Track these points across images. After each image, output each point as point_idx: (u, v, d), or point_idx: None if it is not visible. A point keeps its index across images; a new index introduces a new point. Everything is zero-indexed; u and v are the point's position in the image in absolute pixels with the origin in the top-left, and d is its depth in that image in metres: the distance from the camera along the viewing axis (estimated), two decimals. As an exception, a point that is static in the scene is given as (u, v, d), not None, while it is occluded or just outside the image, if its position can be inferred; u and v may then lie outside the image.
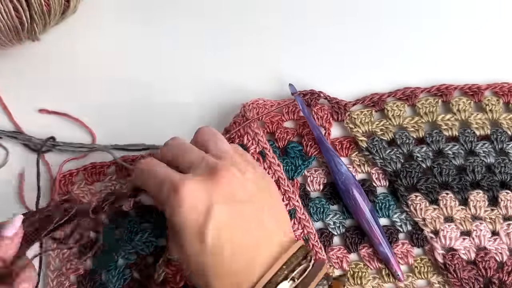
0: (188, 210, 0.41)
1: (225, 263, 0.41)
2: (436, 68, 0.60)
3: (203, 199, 0.42)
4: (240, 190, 0.43)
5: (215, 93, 0.59)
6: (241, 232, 0.42)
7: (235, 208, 0.43)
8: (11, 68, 0.60)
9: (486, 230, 0.54)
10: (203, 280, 0.42)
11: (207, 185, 0.42)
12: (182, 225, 0.41)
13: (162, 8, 0.63)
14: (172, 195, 0.42)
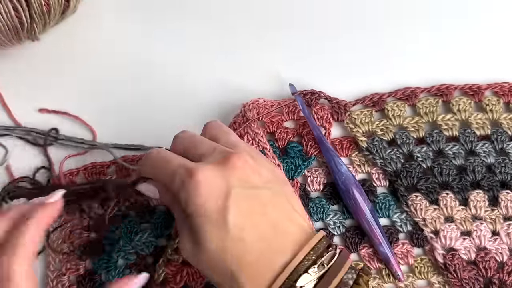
0: (206, 195, 0.41)
1: (247, 249, 0.40)
2: (436, 68, 0.60)
3: (220, 184, 0.41)
4: (254, 176, 0.43)
5: (215, 93, 0.59)
6: (260, 216, 0.41)
7: (252, 192, 0.42)
8: (11, 68, 0.60)
9: (486, 230, 0.54)
10: (224, 272, 0.41)
11: (223, 170, 0.42)
12: (200, 211, 0.41)
13: (162, 8, 0.63)
14: (187, 181, 0.41)
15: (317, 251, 0.41)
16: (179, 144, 0.47)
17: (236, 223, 0.40)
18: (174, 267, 0.51)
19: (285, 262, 0.40)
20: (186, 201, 0.41)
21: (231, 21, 0.62)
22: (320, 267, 0.40)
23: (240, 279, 0.40)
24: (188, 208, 0.41)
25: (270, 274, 0.39)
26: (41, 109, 0.59)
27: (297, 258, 0.40)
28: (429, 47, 0.61)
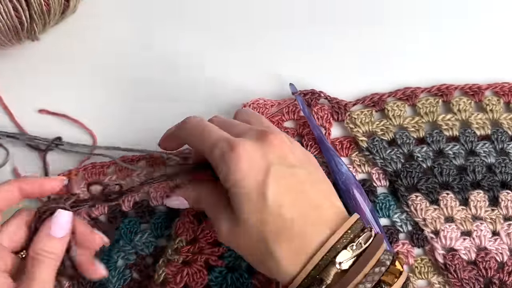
0: (247, 168, 0.41)
1: (286, 225, 0.41)
2: (437, 68, 0.60)
3: (260, 160, 0.42)
4: (290, 155, 0.44)
5: (216, 93, 0.59)
6: (298, 194, 0.42)
7: (290, 170, 0.43)
8: (10, 68, 0.60)
9: (486, 230, 0.54)
10: (261, 247, 0.41)
11: (262, 147, 0.43)
12: (240, 185, 0.41)
13: (162, 8, 0.63)
14: (228, 153, 0.42)
15: (354, 230, 0.41)
16: (215, 122, 0.47)
17: (275, 199, 0.41)
18: (174, 267, 0.51)
19: (322, 239, 0.40)
20: (226, 175, 0.42)
21: (233, 21, 0.62)
22: (358, 246, 0.40)
23: (276, 254, 0.41)
24: (227, 182, 0.42)
25: (307, 250, 0.40)
26: (41, 110, 0.59)
27: (336, 235, 0.40)
28: (429, 47, 0.61)
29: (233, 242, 0.44)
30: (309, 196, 0.43)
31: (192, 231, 0.52)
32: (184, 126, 0.47)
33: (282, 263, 0.41)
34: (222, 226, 0.44)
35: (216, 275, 0.51)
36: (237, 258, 0.52)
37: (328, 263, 0.39)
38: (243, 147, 0.42)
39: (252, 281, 0.51)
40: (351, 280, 0.39)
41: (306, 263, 0.40)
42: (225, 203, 0.44)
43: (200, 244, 0.52)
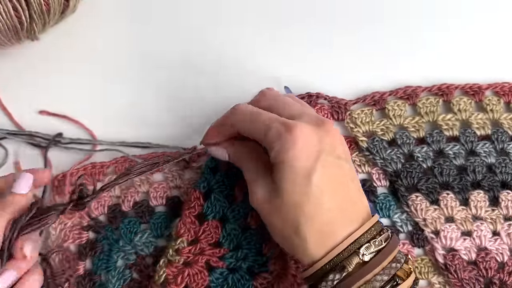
0: (300, 149, 0.43)
1: (323, 209, 0.44)
2: (437, 67, 0.60)
3: (313, 144, 0.44)
4: (340, 147, 0.46)
5: (215, 93, 0.59)
6: (339, 185, 0.45)
7: (336, 161, 0.45)
8: (10, 67, 0.60)
9: (486, 230, 0.54)
10: (293, 224, 0.44)
11: (318, 133, 0.45)
12: (292, 163, 0.43)
13: (162, 8, 0.63)
14: (285, 134, 0.44)
15: (377, 229, 0.45)
16: (265, 100, 0.49)
17: (318, 185, 0.44)
18: (175, 268, 0.51)
19: (349, 232, 0.44)
20: (279, 151, 0.44)
21: (233, 21, 0.62)
22: (379, 242, 0.43)
23: (306, 235, 0.43)
24: (278, 157, 0.44)
25: (335, 238, 0.43)
26: (41, 111, 0.58)
27: (361, 230, 0.44)
28: (430, 46, 0.61)
29: (265, 209, 0.46)
30: (348, 190, 0.46)
31: (193, 232, 0.52)
32: (235, 112, 0.48)
33: (309, 244, 0.43)
34: (258, 191, 0.46)
35: (217, 276, 0.51)
36: (238, 259, 0.52)
37: (351, 253, 0.43)
38: (300, 129, 0.44)
39: (253, 282, 0.51)
40: (371, 270, 0.42)
41: (330, 250, 0.43)
42: (265, 170, 0.47)
43: (201, 245, 0.52)
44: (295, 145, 0.43)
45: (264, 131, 0.45)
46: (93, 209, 0.55)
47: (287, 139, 0.43)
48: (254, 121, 0.46)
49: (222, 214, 0.53)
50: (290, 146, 0.43)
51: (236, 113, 0.48)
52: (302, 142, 0.43)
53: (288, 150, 0.43)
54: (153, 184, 0.56)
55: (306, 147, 0.44)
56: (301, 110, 0.47)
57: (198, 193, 0.53)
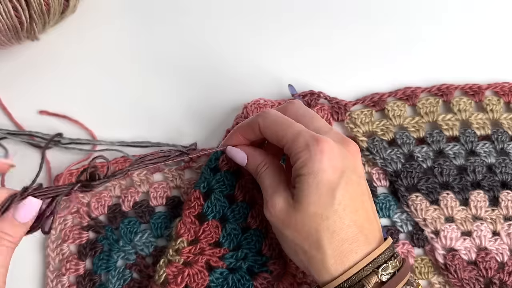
0: (327, 163, 0.44)
1: (343, 227, 0.44)
2: (437, 67, 0.60)
3: (339, 161, 0.45)
4: (360, 166, 0.47)
5: (216, 93, 0.59)
6: (360, 203, 0.45)
7: (358, 180, 0.46)
8: (10, 67, 0.60)
9: (486, 230, 0.54)
10: (312, 238, 0.44)
11: (342, 150, 0.46)
12: (317, 174, 0.44)
13: (162, 8, 0.63)
14: (313, 146, 0.44)
15: (391, 250, 0.45)
16: (292, 109, 0.50)
17: (341, 201, 0.44)
18: (175, 268, 0.51)
19: (368, 251, 0.44)
20: (305, 162, 0.44)
21: (233, 21, 0.62)
22: (395, 263, 0.44)
23: (327, 251, 0.43)
24: (303, 168, 0.44)
25: (354, 256, 0.43)
26: (41, 111, 0.58)
27: (379, 249, 0.44)
28: (430, 47, 0.61)
29: (283, 222, 0.45)
30: (367, 208, 0.46)
31: (193, 232, 0.52)
32: (265, 115, 0.48)
33: (329, 260, 0.43)
34: (278, 203, 0.46)
35: (217, 276, 0.51)
36: (238, 259, 0.52)
37: (370, 272, 0.43)
38: (328, 144, 0.44)
39: (253, 282, 0.51)
40: None
41: (349, 267, 0.43)
42: (286, 182, 0.47)
43: (201, 244, 0.52)
44: (322, 158, 0.44)
45: (292, 139, 0.45)
46: (93, 209, 0.55)
47: (315, 151, 0.44)
48: (284, 127, 0.46)
49: (222, 214, 0.53)
50: (317, 158, 0.44)
51: (266, 116, 0.48)
52: (329, 156, 0.44)
53: (315, 162, 0.44)
54: (153, 184, 0.56)
55: (332, 161, 0.44)
56: (328, 126, 0.48)
57: (198, 193, 0.53)
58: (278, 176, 0.48)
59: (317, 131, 0.46)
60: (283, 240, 0.47)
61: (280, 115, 0.48)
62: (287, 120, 0.47)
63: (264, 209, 0.47)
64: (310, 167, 0.44)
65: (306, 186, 0.44)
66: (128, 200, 0.55)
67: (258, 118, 0.48)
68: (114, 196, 0.56)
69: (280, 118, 0.47)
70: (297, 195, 0.44)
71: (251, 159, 0.50)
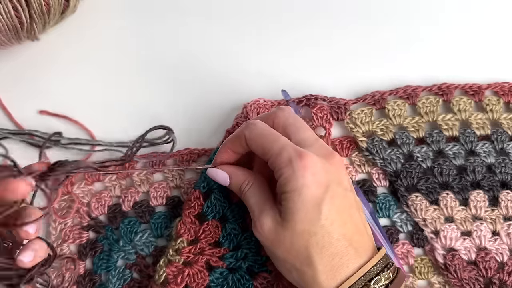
0: (311, 179, 0.43)
1: (332, 241, 0.43)
2: (437, 67, 0.60)
3: (323, 175, 0.44)
4: (345, 179, 0.46)
5: (216, 93, 0.59)
6: (347, 216, 0.45)
7: (344, 193, 0.45)
8: (10, 68, 0.60)
9: (486, 230, 0.54)
10: (302, 255, 0.44)
11: (325, 164, 0.45)
12: (302, 190, 0.43)
13: (162, 8, 0.63)
14: (295, 161, 0.43)
15: (385, 261, 0.45)
16: (281, 118, 0.49)
17: (328, 216, 0.43)
18: (175, 268, 0.51)
19: (360, 264, 0.44)
20: (288, 179, 0.44)
21: (233, 21, 0.62)
22: (388, 275, 0.44)
23: (318, 266, 0.43)
24: (287, 185, 0.44)
25: (345, 270, 0.43)
26: (41, 111, 0.58)
27: (371, 262, 0.44)
28: (430, 46, 0.61)
29: (272, 241, 0.45)
30: (355, 220, 0.45)
31: (193, 232, 0.52)
32: (251, 127, 0.47)
33: (320, 276, 0.43)
34: (266, 222, 0.45)
35: (217, 276, 0.51)
36: (238, 259, 0.52)
37: (362, 285, 0.43)
38: (311, 159, 0.44)
39: (253, 282, 0.51)
40: None
41: (341, 282, 0.43)
42: (272, 201, 0.46)
43: (201, 244, 0.52)
44: (305, 174, 0.43)
45: (276, 154, 0.45)
46: (93, 209, 0.55)
47: (298, 166, 0.43)
48: (269, 141, 0.46)
49: (222, 214, 0.53)
50: (300, 174, 0.43)
51: (252, 128, 0.47)
52: (312, 171, 0.43)
53: (298, 178, 0.43)
54: (153, 184, 0.56)
55: (315, 176, 0.43)
56: (313, 138, 0.47)
57: (198, 193, 0.53)
58: (263, 193, 0.47)
59: (301, 143, 0.46)
60: (274, 259, 0.47)
61: (266, 127, 0.47)
62: (273, 133, 0.46)
63: (253, 229, 0.47)
64: (294, 183, 0.43)
65: (292, 203, 0.43)
66: (128, 200, 0.55)
67: (244, 130, 0.47)
68: (114, 196, 0.56)
69: (266, 131, 0.47)
70: (284, 213, 0.44)
71: (234, 178, 0.49)
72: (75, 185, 0.56)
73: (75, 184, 0.56)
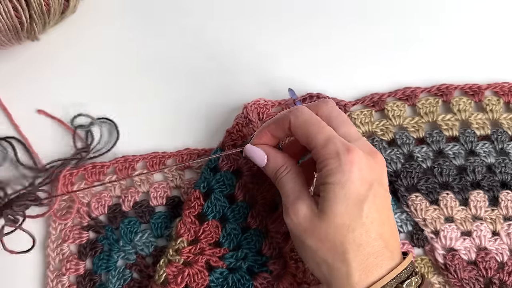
0: (356, 174, 0.43)
1: (369, 240, 0.43)
2: (437, 67, 0.60)
3: (368, 172, 0.44)
4: (386, 179, 0.46)
5: (216, 93, 0.59)
6: (386, 217, 0.45)
7: (384, 193, 0.45)
8: (10, 68, 0.60)
9: (486, 230, 0.54)
10: (337, 250, 0.43)
11: (370, 161, 0.44)
12: (346, 184, 0.42)
13: (162, 8, 0.63)
14: (343, 155, 0.43)
15: (413, 266, 0.45)
16: (325, 110, 0.48)
17: (368, 214, 0.43)
18: (175, 268, 0.51)
19: (392, 266, 0.43)
20: (333, 170, 0.43)
21: (233, 22, 0.62)
22: (418, 279, 0.44)
23: (352, 263, 0.42)
24: (331, 177, 0.43)
25: (379, 271, 0.43)
26: (39, 110, 0.58)
27: (403, 264, 0.44)
28: (429, 47, 0.61)
29: (305, 230, 0.44)
30: (391, 222, 0.46)
31: (193, 232, 0.52)
32: (297, 113, 0.46)
33: (354, 273, 0.42)
34: (302, 209, 0.44)
35: (217, 276, 0.51)
36: (238, 259, 0.52)
37: (395, 287, 0.42)
38: (357, 155, 0.43)
39: (253, 282, 0.51)
40: None
41: (373, 282, 0.42)
42: (308, 191, 0.46)
43: (201, 244, 0.52)
44: (352, 169, 0.43)
45: (322, 144, 0.44)
46: (93, 209, 0.55)
47: (345, 161, 0.43)
48: (315, 129, 0.45)
49: (222, 214, 0.53)
50: (347, 168, 0.43)
51: (298, 115, 0.46)
52: (359, 167, 0.43)
53: (345, 172, 0.42)
54: (153, 184, 0.56)
55: (361, 173, 0.43)
56: (357, 134, 0.47)
57: (198, 193, 0.53)
58: (300, 181, 0.46)
59: (346, 137, 0.45)
60: (304, 250, 0.45)
61: (313, 115, 0.46)
62: (319, 122, 0.45)
63: (285, 215, 0.46)
64: (339, 176, 0.43)
65: (333, 195, 0.43)
66: (128, 200, 0.55)
67: (290, 115, 0.46)
68: (114, 196, 0.56)
69: (312, 119, 0.46)
70: (323, 204, 0.43)
71: (272, 160, 0.48)
72: (75, 185, 0.56)
73: (75, 184, 0.56)
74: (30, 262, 0.55)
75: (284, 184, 0.46)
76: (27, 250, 0.51)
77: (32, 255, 0.55)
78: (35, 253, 0.55)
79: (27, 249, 0.51)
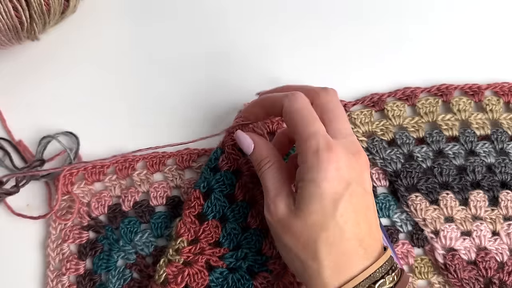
0: (333, 173, 0.42)
1: (343, 238, 0.42)
2: (436, 67, 0.60)
3: (346, 171, 0.43)
4: (367, 180, 0.46)
5: (216, 93, 0.59)
6: (362, 217, 0.44)
7: (363, 192, 0.44)
8: (10, 68, 0.60)
9: (486, 230, 0.54)
10: (310, 248, 0.43)
11: (351, 160, 0.44)
12: (322, 183, 0.42)
13: (162, 8, 0.63)
14: (323, 151, 0.43)
15: (390, 263, 0.44)
16: (322, 100, 0.48)
17: (343, 213, 0.42)
18: (175, 267, 0.51)
19: (365, 265, 0.43)
20: (311, 168, 0.43)
21: (232, 21, 0.62)
22: (392, 278, 0.43)
23: (324, 262, 0.42)
24: (308, 174, 0.43)
25: (351, 270, 0.42)
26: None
27: (377, 264, 0.43)
28: (429, 47, 0.61)
29: (282, 227, 0.44)
30: (369, 222, 0.45)
31: (193, 232, 0.52)
32: (294, 99, 0.46)
33: (325, 272, 0.42)
34: (280, 207, 0.45)
35: (217, 275, 0.51)
36: (238, 259, 0.52)
37: (367, 287, 0.42)
38: (337, 153, 0.43)
39: (253, 282, 0.51)
40: None
41: (345, 282, 0.42)
42: (289, 187, 0.46)
43: (201, 244, 0.52)
44: (329, 167, 0.42)
45: (305, 138, 0.44)
46: (93, 209, 0.55)
47: (323, 158, 0.42)
48: (304, 122, 0.45)
49: (222, 214, 0.53)
50: (323, 167, 0.42)
51: (293, 102, 0.46)
52: (336, 166, 0.43)
53: (321, 169, 0.42)
54: (153, 184, 0.56)
55: (338, 172, 0.43)
56: (347, 131, 0.46)
57: (198, 193, 0.53)
58: (282, 176, 0.46)
59: (335, 133, 0.45)
60: (281, 245, 0.46)
61: (307, 106, 0.46)
62: (310, 114, 0.45)
63: (265, 211, 0.46)
64: (315, 174, 0.42)
65: (308, 193, 0.43)
66: (128, 200, 0.55)
67: (285, 98, 0.46)
68: (114, 196, 0.56)
69: (304, 109, 0.45)
70: (299, 202, 0.43)
71: (257, 149, 0.48)
72: (75, 185, 0.56)
73: (75, 184, 0.56)
74: (30, 262, 0.55)
75: (265, 179, 0.47)
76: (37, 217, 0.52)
77: (32, 255, 0.55)
78: (35, 253, 0.55)
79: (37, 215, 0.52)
